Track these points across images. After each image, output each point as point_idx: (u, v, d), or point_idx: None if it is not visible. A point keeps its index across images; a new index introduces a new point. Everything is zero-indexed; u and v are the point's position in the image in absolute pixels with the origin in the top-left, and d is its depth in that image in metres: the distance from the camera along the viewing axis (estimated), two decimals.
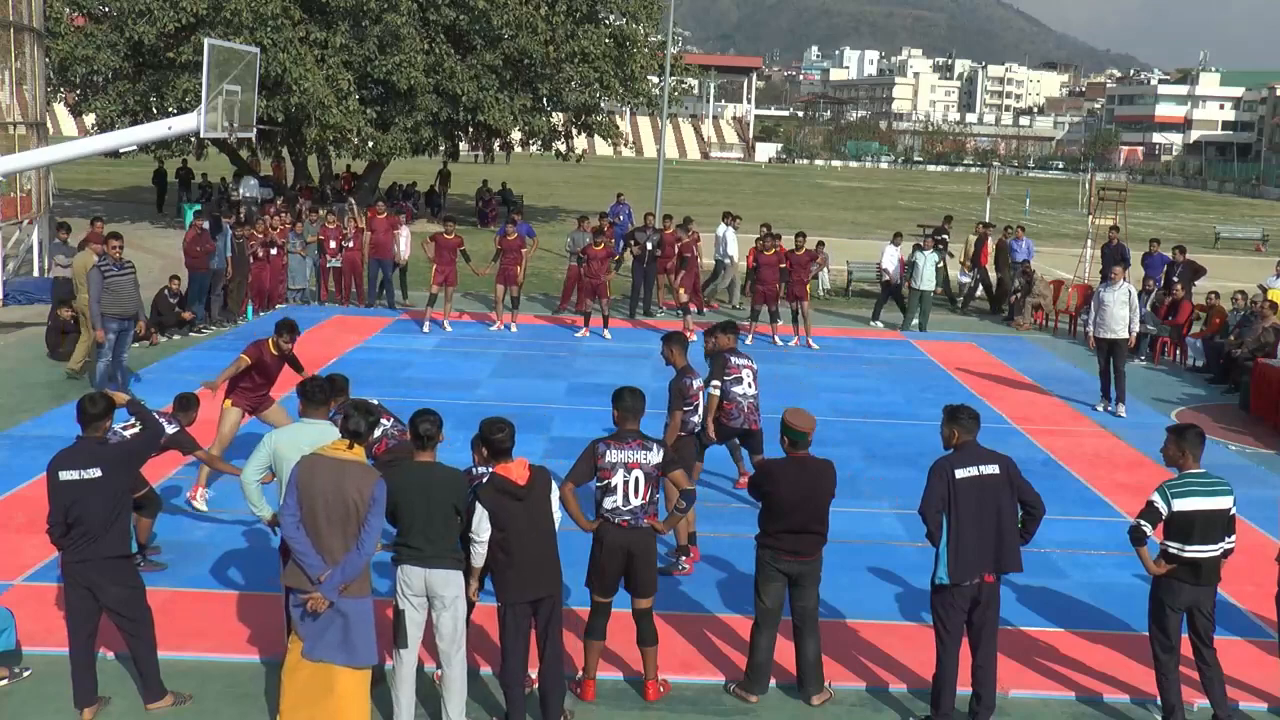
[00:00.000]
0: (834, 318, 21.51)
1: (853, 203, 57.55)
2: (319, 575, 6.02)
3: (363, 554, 6.03)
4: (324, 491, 6.00)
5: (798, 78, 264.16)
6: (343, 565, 6.01)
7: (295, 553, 6.08)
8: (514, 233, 18.82)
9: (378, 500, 6.06)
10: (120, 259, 13.32)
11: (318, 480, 6.03)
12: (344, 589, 6.04)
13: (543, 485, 6.42)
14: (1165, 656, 6.81)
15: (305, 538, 6.03)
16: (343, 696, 6.17)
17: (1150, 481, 7.91)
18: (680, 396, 9.09)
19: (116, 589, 6.47)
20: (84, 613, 6.49)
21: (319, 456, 6.13)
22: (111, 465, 6.46)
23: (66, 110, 36.30)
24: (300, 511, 6.04)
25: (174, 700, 6.70)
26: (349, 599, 6.07)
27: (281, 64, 28.79)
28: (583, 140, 39.51)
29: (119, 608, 6.52)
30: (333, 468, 6.06)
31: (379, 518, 6.09)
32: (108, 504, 6.38)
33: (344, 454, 6.13)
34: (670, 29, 30.99)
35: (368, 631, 6.19)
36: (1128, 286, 15.03)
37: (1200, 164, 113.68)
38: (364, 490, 6.02)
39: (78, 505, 6.34)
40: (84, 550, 6.37)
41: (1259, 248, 39.20)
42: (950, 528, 6.59)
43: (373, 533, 6.06)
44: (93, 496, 6.35)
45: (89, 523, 6.34)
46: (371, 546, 6.08)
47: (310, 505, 6.02)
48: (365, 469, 6.15)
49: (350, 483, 6.02)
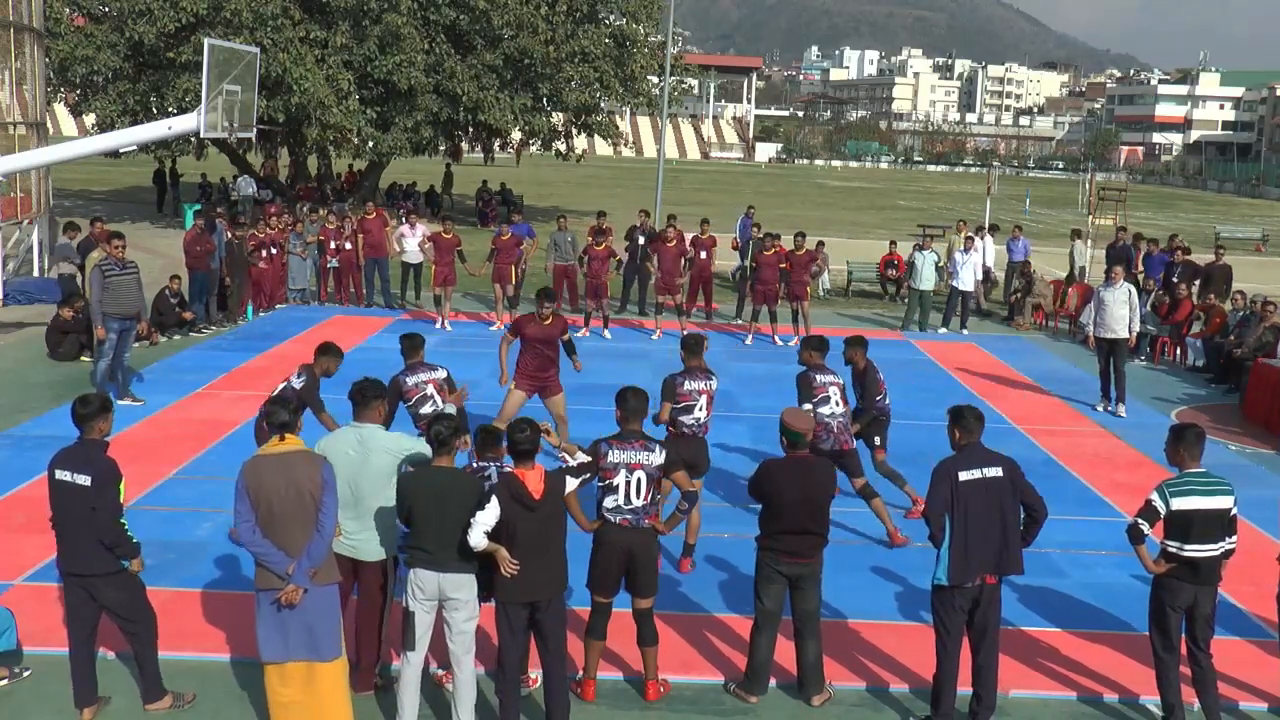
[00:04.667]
0: (846, 319, 21.49)
1: (853, 203, 57.54)
2: (286, 569, 6.07)
3: (324, 536, 6.12)
4: (275, 488, 6.06)
5: (798, 78, 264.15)
6: (308, 551, 6.08)
7: (259, 556, 6.12)
8: (508, 232, 18.90)
9: (328, 481, 6.14)
10: (123, 259, 13.35)
11: (266, 480, 6.07)
12: (313, 574, 6.10)
13: (556, 496, 6.40)
14: (1166, 656, 6.81)
15: (263, 539, 6.08)
16: (325, 694, 6.23)
17: (1150, 481, 7.91)
18: (669, 391, 8.99)
19: (113, 591, 6.46)
20: (82, 613, 6.49)
21: (260, 457, 6.19)
22: (102, 477, 6.32)
23: (66, 110, 36.29)
24: (255, 514, 6.08)
25: (173, 701, 6.69)
26: (319, 586, 6.14)
27: (282, 64, 28.78)
28: (583, 140, 39.51)
29: (118, 609, 6.52)
30: (278, 463, 6.12)
31: (332, 497, 6.16)
32: (90, 514, 6.27)
33: (284, 447, 6.19)
34: (670, 29, 30.95)
35: (333, 620, 6.25)
36: (1128, 286, 15.04)
37: (1200, 164, 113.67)
38: (314, 476, 6.11)
39: (65, 509, 6.32)
40: (72, 562, 6.35)
41: (1259, 248, 39.20)
42: (953, 529, 6.58)
43: (329, 513, 6.13)
44: (79, 502, 6.28)
45: (74, 529, 6.31)
46: (330, 527, 6.16)
47: (266, 505, 6.07)
48: (309, 455, 6.24)
49: (300, 472, 6.09)
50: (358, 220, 21.30)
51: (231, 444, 11.88)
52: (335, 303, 20.81)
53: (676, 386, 9.01)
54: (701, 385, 9.07)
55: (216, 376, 14.87)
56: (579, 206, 38.16)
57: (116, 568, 6.42)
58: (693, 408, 9.01)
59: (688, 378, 9.09)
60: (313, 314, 19.79)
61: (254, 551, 6.12)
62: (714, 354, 17.75)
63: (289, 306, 20.41)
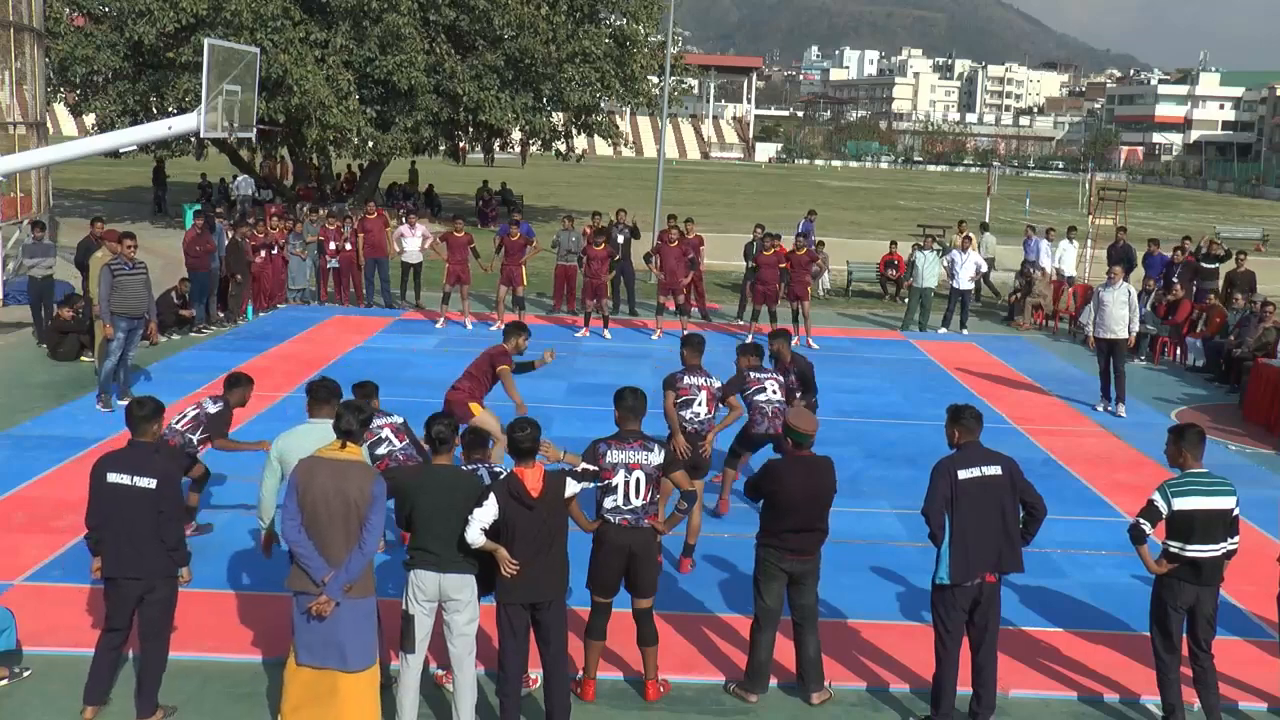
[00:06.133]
0: (846, 319, 21.51)
1: (853, 203, 57.51)
2: (323, 577, 6.00)
3: (365, 553, 6.02)
4: (324, 493, 5.98)
5: (798, 78, 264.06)
6: (346, 566, 6.00)
7: (299, 556, 6.05)
8: (516, 232, 18.83)
9: (378, 498, 6.04)
10: (133, 259, 13.38)
11: (317, 482, 6.01)
12: (348, 589, 6.03)
13: (556, 495, 6.39)
14: (1166, 656, 6.81)
15: (308, 540, 6.01)
16: (346, 700, 6.15)
17: (1150, 481, 7.91)
18: (671, 383, 9.21)
19: (161, 594, 6.38)
20: (123, 618, 6.41)
21: (318, 459, 6.11)
22: (168, 479, 6.30)
23: (66, 110, 36.26)
24: (302, 515, 6.03)
25: (163, 715, 6.58)
26: (353, 599, 6.06)
27: (282, 65, 28.78)
28: (583, 140, 39.50)
29: (156, 615, 6.42)
30: (332, 469, 6.03)
31: (380, 515, 6.07)
32: (154, 516, 6.25)
33: (342, 454, 6.11)
34: (670, 29, 30.91)
35: (366, 634, 6.17)
36: (1127, 287, 15.05)
37: (1200, 164, 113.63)
38: (364, 489, 6.00)
39: (122, 512, 6.23)
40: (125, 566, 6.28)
41: (1259, 247, 39.19)
42: (953, 528, 6.59)
43: (374, 531, 6.04)
44: (142, 505, 6.24)
45: (131, 532, 6.24)
46: (373, 545, 6.06)
47: (311, 508, 6.00)
48: (364, 468, 6.14)
49: (351, 483, 6.00)
50: (358, 220, 21.32)
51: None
52: (335, 303, 20.82)
53: (677, 380, 9.21)
54: (701, 382, 9.24)
55: (216, 376, 14.83)
56: (579, 206, 38.15)
57: (171, 572, 6.38)
58: (692, 402, 9.15)
59: (688, 374, 9.26)
60: (313, 314, 19.79)
61: (295, 550, 6.05)
62: (714, 354, 17.80)
63: (289, 306, 20.41)
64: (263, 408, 13.30)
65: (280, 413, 13.05)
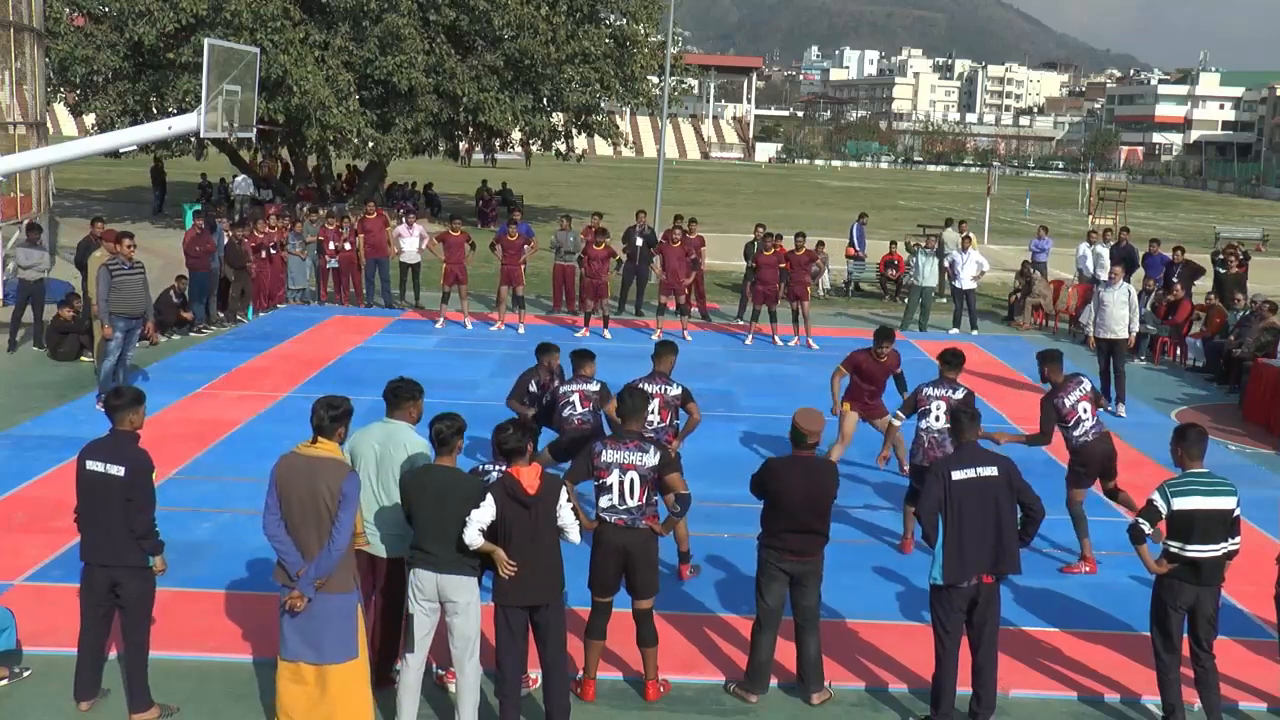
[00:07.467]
0: (846, 319, 21.49)
1: (853, 203, 57.44)
2: (297, 571, 6.06)
3: (334, 549, 6.04)
4: (298, 489, 6.04)
5: (798, 78, 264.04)
6: (316, 561, 6.04)
7: (277, 550, 6.12)
8: (515, 233, 18.83)
9: (349, 496, 6.05)
10: (131, 259, 13.38)
11: (292, 478, 6.07)
12: (321, 584, 6.06)
13: (551, 494, 6.37)
14: (1166, 656, 6.81)
15: (286, 534, 6.07)
16: (336, 694, 6.19)
17: (1151, 481, 7.90)
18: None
19: (135, 585, 6.43)
20: (101, 605, 6.47)
21: (294, 455, 6.16)
22: (137, 467, 6.35)
23: (66, 110, 36.26)
24: (281, 509, 6.08)
25: (160, 713, 6.59)
26: (328, 595, 6.09)
27: (282, 65, 28.78)
28: (583, 140, 39.49)
29: (133, 605, 6.46)
30: (305, 465, 6.08)
31: (350, 513, 6.08)
32: (123, 504, 6.30)
33: (315, 450, 6.15)
34: (670, 29, 30.96)
35: (343, 628, 6.18)
36: (1127, 287, 15.05)
37: (1200, 164, 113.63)
38: (334, 486, 6.03)
39: (95, 499, 6.31)
40: (98, 553, 6.35)
41: (1259, 247, 39.16)
42: (947, 529, 6.60)
43: (344, 528, 6.05)
44: (112, 492, 6.31)
45: (103, 520, 6.31)
46: (343, 542, 6.06)
47: (287, 503, 6.06)
48: (337, 464, 6.15)
49: (321, 479, 6.04)
50: (358, 220, 21.32)
51: (231, 444, 11.89)
52: (335, 303, 20.82)
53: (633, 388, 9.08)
54: (656, 389, 9.08)
55: (216, 376, 14.87)
56: (579, 206, 38.14)
57: (142, 562, 6.41)
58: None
59: (648, 381, 9.14)
60: (313, 314, 19.79)
61: (273, 543, 6.11)
62: (714, 354, 17.81)
63: (289, 306, 20.41)
64: (263, 408, 13.32)
65: (280, 413, 13.06)
